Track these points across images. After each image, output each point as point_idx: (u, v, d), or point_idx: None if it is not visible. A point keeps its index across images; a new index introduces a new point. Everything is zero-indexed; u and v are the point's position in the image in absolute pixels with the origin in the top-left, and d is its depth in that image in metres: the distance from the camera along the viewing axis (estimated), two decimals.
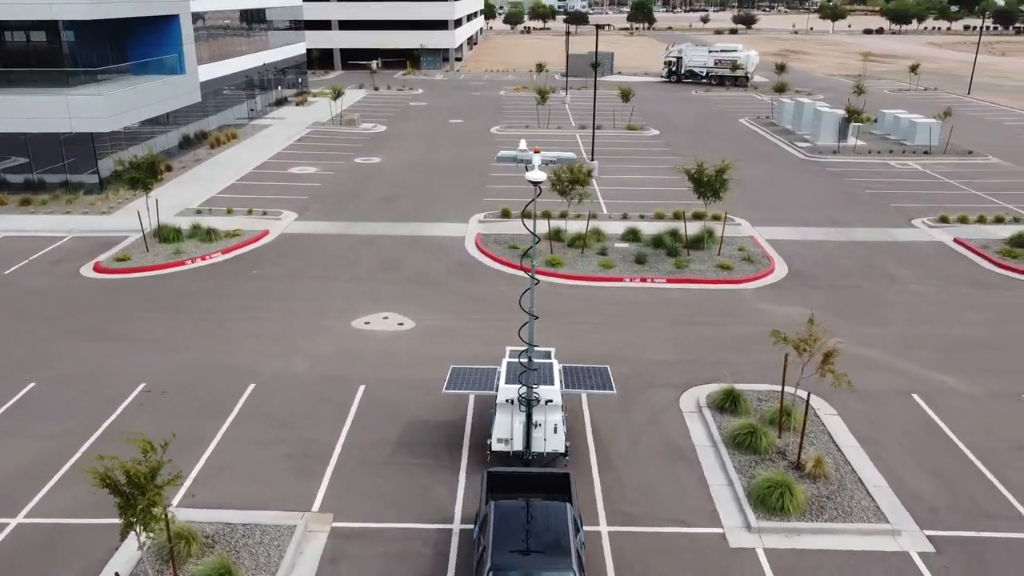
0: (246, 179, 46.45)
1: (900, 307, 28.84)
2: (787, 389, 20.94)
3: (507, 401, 18.34)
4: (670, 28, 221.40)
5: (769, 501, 17.27)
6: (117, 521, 16.53)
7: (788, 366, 19.46)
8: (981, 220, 38.43)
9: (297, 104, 74.74)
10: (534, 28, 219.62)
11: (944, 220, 38.56)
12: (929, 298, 29.70)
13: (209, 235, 34.30)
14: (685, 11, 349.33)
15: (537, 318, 18.31)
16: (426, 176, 47.68)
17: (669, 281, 30.85)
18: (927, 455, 19.69)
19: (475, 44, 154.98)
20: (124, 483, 12.78)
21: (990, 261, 33.34)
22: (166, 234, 33.95)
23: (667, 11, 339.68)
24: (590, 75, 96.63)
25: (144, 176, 32.94)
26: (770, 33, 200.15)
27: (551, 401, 18.24)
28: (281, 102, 73.55)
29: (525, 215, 17.55)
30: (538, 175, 15.99)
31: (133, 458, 13.46)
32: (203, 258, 32.59)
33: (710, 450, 19.79)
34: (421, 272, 31.73)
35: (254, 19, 66.00)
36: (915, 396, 22.43)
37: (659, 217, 38.46)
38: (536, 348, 21.98)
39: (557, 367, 19.71)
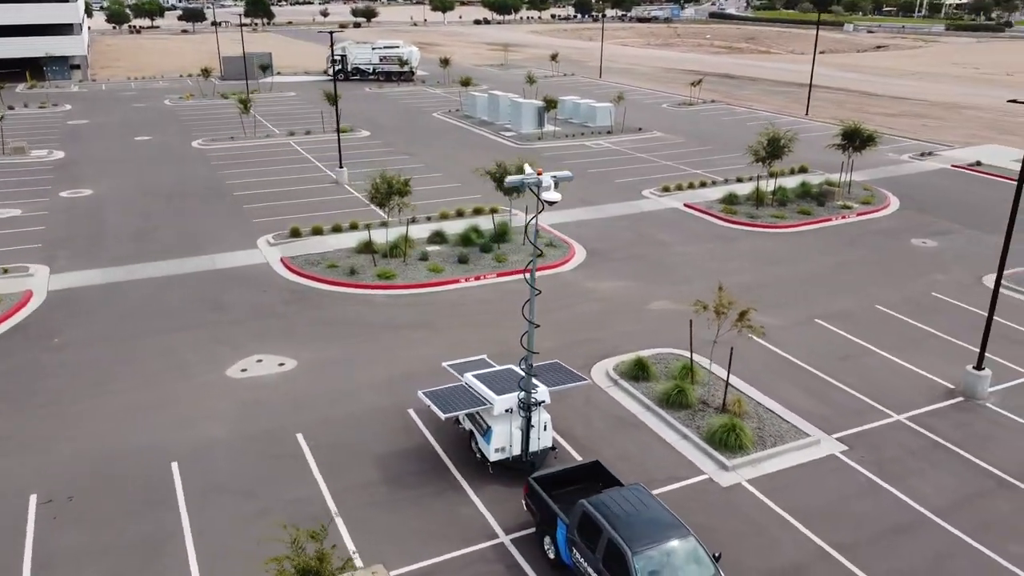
0: None
1: (685, 266, 34.48)
2: (674, 351, 24.76)
3: (506, 411, 19.23)
4: (291, 23, 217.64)
5: (729, 442, 20.71)
6: None
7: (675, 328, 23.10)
8: (691, 186, 46.58)
9: None
10: (143, 27, 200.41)
11: (666, 189, 45.96)
12: (698, 255, 35.87)
13: None
14: (291, 4, 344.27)
15: (538, 326, 19.39)
16: (165, 203, 43.28)
17: (499, 275, 32.97)
18: (791, 379, 24.77)
19: (90, 48, 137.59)
20: None
21: (719, 218, 40.97)
22: None
23: (274, 4, 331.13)
24: (252, 77, 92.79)
25: None
26: (391, 26, 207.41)
27: (543, 402, 19.55)
28: None
29: (529, 227, 18.66)
30: (555, 196, 17.14)
31: (284, 554, 12.26)
32: None
33: (649, 414, 22.68)
34: (255, 307, 29.77)
35: None
36: (752, 336, 27.64)
37: (444, 217, 40.08)
38: (470, 360, 23.02)
39: (518, 369, 20.95)
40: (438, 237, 36.44)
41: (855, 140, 43.23)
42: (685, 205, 43.18)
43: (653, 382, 24.01)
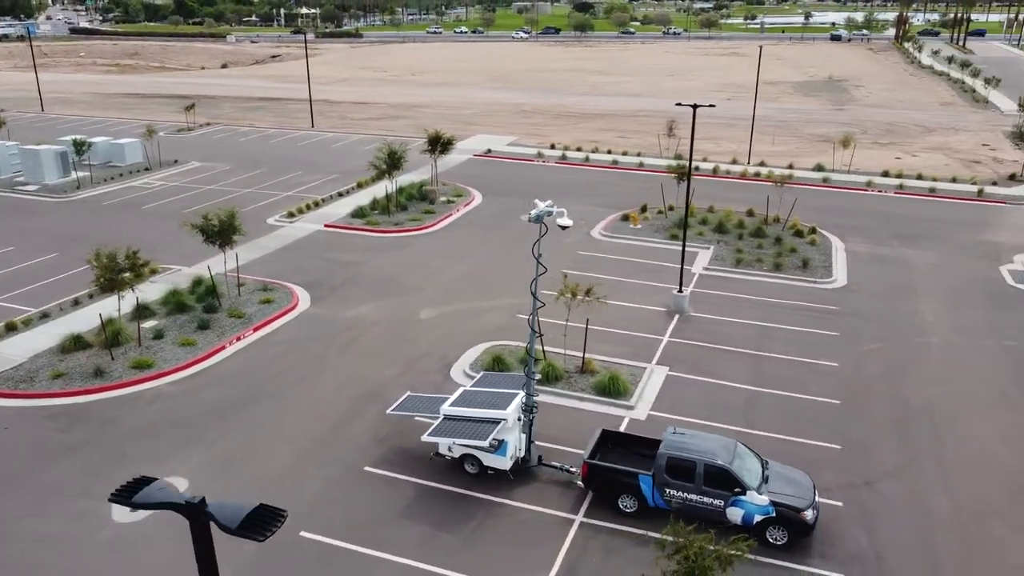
0: None
1: (400, 276, 37.40)
2: (497, 342, 28.99)
3: (517, 419, 21.39)
4: None
5: (617, 390, 26.27)
6: None
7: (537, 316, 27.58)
8: (309, 207, 48.16)
9: None
10: None
11: (291, 214, 46.68)
12: (397, 265, 38.97)
13: None
14: None
15: (542, 335, 21.59)
16: None
17: (255, 330, 31.37)
18: (591, 339, 30.97)
19: None
20: None
21: (369, 231, 44.13)
22: None
23: None
24: None
25: None
26: None
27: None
28: None
29: (534, 253, 20.53)
30: (568, 221, 19.73)
31: None
32: None
33: (540, 393, 26.58)
34: (27, 448, 23.39)
35: None
36: (520, 315, 32.92)
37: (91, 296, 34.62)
38: (402, 399, 24.07)
39: (473, 383, 23.05)
40: (145, 311, 32.04)
41: (438, 144, 50.61)
42: (326, 225, 45.05)
43: (516, 369, 27.81)
